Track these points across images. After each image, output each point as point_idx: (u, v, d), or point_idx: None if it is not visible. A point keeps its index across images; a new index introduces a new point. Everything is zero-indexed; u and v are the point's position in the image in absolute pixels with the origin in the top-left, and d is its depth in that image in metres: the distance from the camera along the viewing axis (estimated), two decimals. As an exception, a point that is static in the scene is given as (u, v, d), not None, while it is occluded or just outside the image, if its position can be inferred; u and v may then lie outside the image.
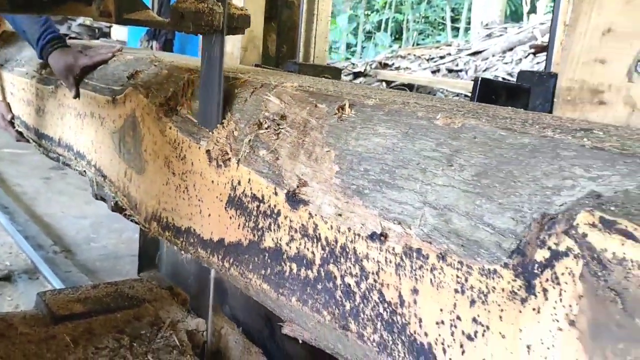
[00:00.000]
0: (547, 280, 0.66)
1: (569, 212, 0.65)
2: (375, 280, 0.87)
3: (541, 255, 0.66)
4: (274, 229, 1.06)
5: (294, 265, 1.02)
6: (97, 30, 9.78)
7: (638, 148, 0.71)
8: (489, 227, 0.74)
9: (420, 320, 0.81)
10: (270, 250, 1.08)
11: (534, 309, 0.67)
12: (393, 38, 18.48)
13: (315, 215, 0.97)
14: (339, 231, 0.93)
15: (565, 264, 0.64)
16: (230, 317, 2.06)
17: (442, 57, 11.21)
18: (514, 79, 1.41)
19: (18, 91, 2.52)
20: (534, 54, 10.56)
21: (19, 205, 4.73)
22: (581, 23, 1.02)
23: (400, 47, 15.61)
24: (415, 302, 0.81)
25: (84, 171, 1.94)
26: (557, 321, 0.65)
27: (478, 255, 0.73)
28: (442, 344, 0.77)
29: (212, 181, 1.24)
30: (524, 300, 0.68)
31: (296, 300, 1.02)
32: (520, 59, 10.38)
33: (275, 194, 1.06)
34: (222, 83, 1.22)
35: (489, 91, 1.19)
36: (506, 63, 10.40)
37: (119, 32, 9.27)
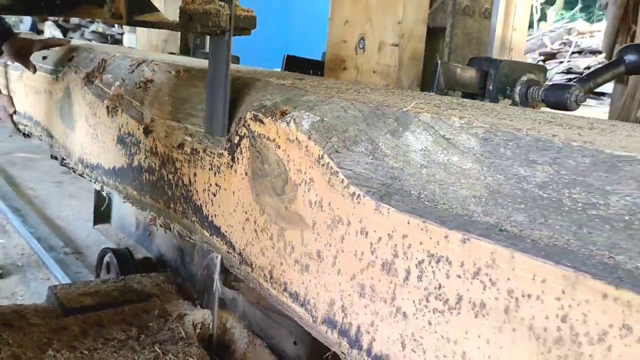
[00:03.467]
0: (239, 152, 1.20)
1: (246, 114, 1.19)
2: (180, 173, 1.41)
3: (236, 139, 1.20)
4: (138, 153, 1.60)
5: (147, 174, 1.56)
6: (109, 37, 10.07)
7: (300, 85, 1.24)
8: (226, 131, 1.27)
9: (197, 191, 1.35)
10: (136, 167, 1.62)
11: (235, 170, 1.21)
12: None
13: (156, 139, 1.51)
14: (165, 146, 1.47)
15: (244, 142, 1.18)
16: (157, 253, 2.60)
17: (452, 64, 11.58)
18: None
19: (-2, 79, 3.08)
20: (544, 60, 10.73)
21: (32, 208, 4.81)
22: (335, 16, 1.56)
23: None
24: (195, 181, 1.35)
25: (40, 135, 2.48)
26: (242, 174, 1.19)
27: (218, 147, 1.27)
28: (204, 202, 1.32)
29: (109, 127, 1.78)
30: (231, 167, 1.22)
31: (149, 198, 1.56)
32: (529, 66, 10.88)
33: (139, 129, 1.60)
34: (228, 81, 1.25)
35: (293, 65, 1.72)
36: (515, 70, 10.93)
37: (131, 39, 9.65)
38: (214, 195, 1.28)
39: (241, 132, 1.19)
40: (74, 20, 9.52)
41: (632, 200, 0.64)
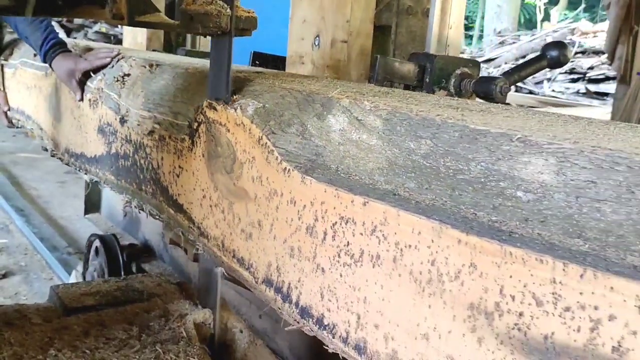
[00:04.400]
0: (197, 137, 1.34)
1: (203, 103, 1.33)
2: (150, 158, 1.56)
3: (195, 124, 1.35)
4: (115, 141, 1.75)
5: (123, 160, 1.71)
6: (112, 37, 10.23)
7: (253, 77, 1.39)
8: (188, 118, 1.42)
9: (163, 174, 1.49)
10: (114, 154, 1.76)
11: (194, 152, 1.36)
12: (408, 46, 18.56)
13: (129, 127, 1.66)
14: (138, 134, 1.62)
15: (201, 127, 1.33)
16: (142, 239, 2.76)
17: (454, 64, 11.39)
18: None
19: (-7, 75, 3.22)
20: None
21: (35, 208, 4.85)
22: (295, 16, 1.71)
23: (415, 54, 15.91)
24: (162, 164, 1.50)
25: (32, 129, 2.63)
26: (200, 156, 1.33)
27: (180, 133, 1.42)
28: (169, 182, 1.46)
29: (91, 118, 1.93)
30: (191, 150, 1.37)
31: (124, 181, 1.71)
32: (533, 66, 10.86)
33: (116, 119, 1.75)
34: (230, 81, 1.27)
35: (259, 60, 1.87)
36: (519, 70, 10.94)
37: (132, 39, 9.75)
38: (178, 176, 1.43)
39: (199, 118, 1.33)
40: (78, 20, 9.60)
41: (486, 165, 0.78)
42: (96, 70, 1.95)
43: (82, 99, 1.98)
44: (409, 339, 0.83)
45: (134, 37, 2.80)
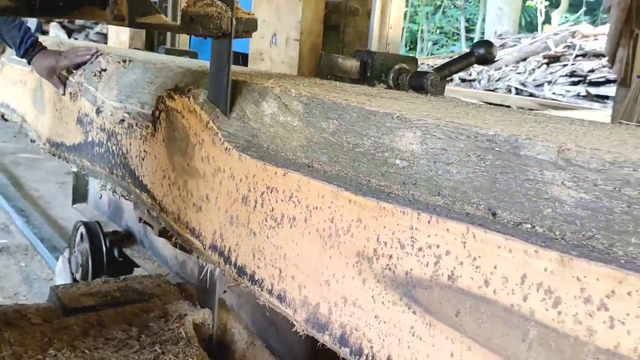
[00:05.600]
0: (159, 124, 1.51)
1: (163, 93, 1.50)
2: (120, 144, 1.72)
3: (157, 113, 1.51)
4: (91, 130, 1.91)
5: (97, 148, 1.87)
6: None
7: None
8: (152, 107, 1.58)
9: (131, 158, 1.66)
10: (90, 142, 1.93)
11: (156, 137, 1.52)
12: (408, 48, 18.40)
13: (104, 117, 1.82)
14: (110, 123, 1.78)
15: (162, 115, 1.49)
16: (125, 227, 2.92)
17: (455, 67, 11.33)
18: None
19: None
20: (547, 64, 10.64)
21: (35, 208, 4.83)
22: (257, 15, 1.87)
23: (415, 57, 15.88)
24: (130, 149, 1.66)
25: (17, 121, 2.79)
26: (161, 141, 1.49)
27: (145, 120, 1.58)
28: (136, 166, 1.62)
29: (71, 110, 2.09)
30: (154, 135, 1.53)
31: (99, 167, 1.87)
32: (534, 69, 10.63)
33: (92, 110, 1.91)
34: (230, 81, 1.28)
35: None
36: (519, 73, 10.69)
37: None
38: (143, 160, 1.59)
39: (160, 107, 1.50)
40: (79, 21, 9.69)
41: (374, 140, 0.95)
42: (77, 66, 2.09)
43: (64, 93, 2.13)
44: (316, 285, 0.99)
45: (117, 35, 2.97)
